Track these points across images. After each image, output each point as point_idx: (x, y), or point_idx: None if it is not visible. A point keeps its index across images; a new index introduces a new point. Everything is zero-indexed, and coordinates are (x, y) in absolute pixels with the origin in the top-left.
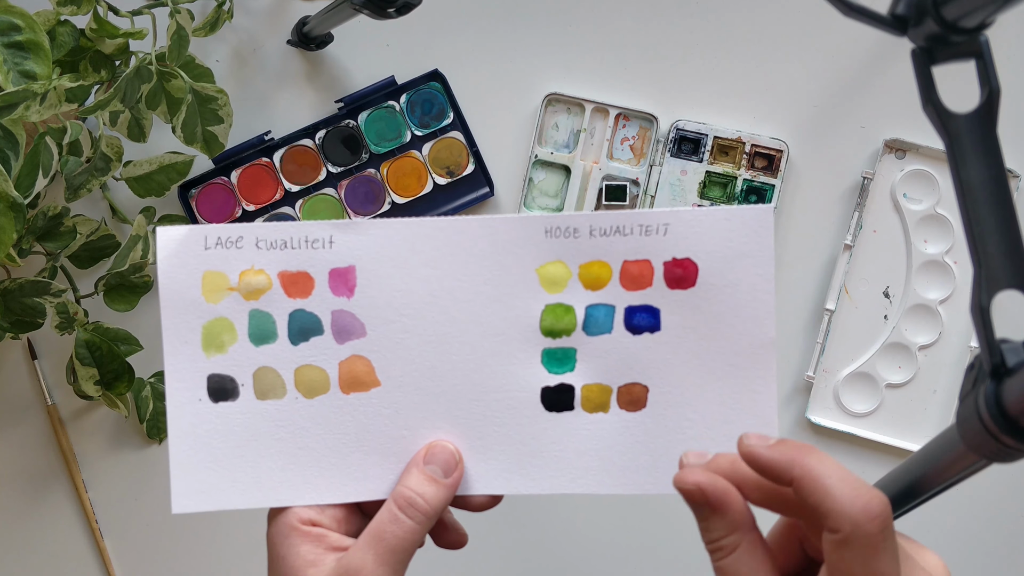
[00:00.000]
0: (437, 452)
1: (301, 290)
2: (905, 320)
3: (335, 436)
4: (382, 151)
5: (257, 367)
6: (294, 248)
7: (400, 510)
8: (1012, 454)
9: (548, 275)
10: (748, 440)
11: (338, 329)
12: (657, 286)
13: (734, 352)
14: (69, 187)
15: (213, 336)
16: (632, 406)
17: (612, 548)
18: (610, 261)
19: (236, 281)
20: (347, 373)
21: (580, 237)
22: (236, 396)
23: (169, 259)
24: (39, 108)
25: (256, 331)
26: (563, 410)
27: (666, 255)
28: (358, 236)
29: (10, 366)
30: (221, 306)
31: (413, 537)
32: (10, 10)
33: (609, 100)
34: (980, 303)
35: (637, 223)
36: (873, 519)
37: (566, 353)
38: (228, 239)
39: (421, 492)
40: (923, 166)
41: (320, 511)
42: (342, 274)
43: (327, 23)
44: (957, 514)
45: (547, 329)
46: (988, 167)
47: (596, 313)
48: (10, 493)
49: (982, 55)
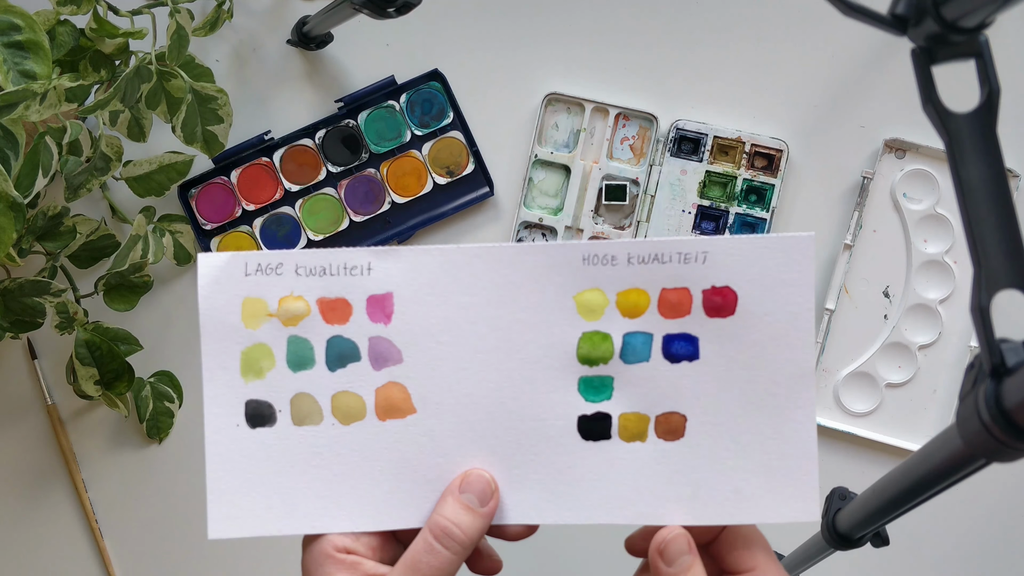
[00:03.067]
0: (473, 480)
1: (339, 316)
2: (905, 320)
3: (371, 463)
4: (382, 151)
5: (294, 393)
6: (333, 275)
7: (436, 540)
8: (1012, 454)
9: (585, 303)
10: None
11: (375, 356)
12: (696, 314)
13: (773, 381)
14: (69, 187)
15: (252, 362)
16: (670, 435)
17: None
18: (648, 289)
19: (275, 307)
20: (383, 400)
21: (618, 265)
22: (273, 422)
23: (209, 285)
24: (39, 108)
25: (294, 357)
26: (600, 439)
27: (705, 283)
28: (396, 263)
29: (10, 366)
30: (260, 332)
31: (449, 567)
32: (10, 10)
33: (609, 100)
34: (980, 303)
35: (676, 251)
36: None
37: (603, 381)
38: (268, 266)
39: (457, 521)
40: (923, 166)
41: (355, 539)
42: (379, 301)
43: (327, 23)
44: (957, 514)
45: (584, 357)
46: (988, 167)
47: (634, 341)
48: (10, 493)
49: (982, 55)
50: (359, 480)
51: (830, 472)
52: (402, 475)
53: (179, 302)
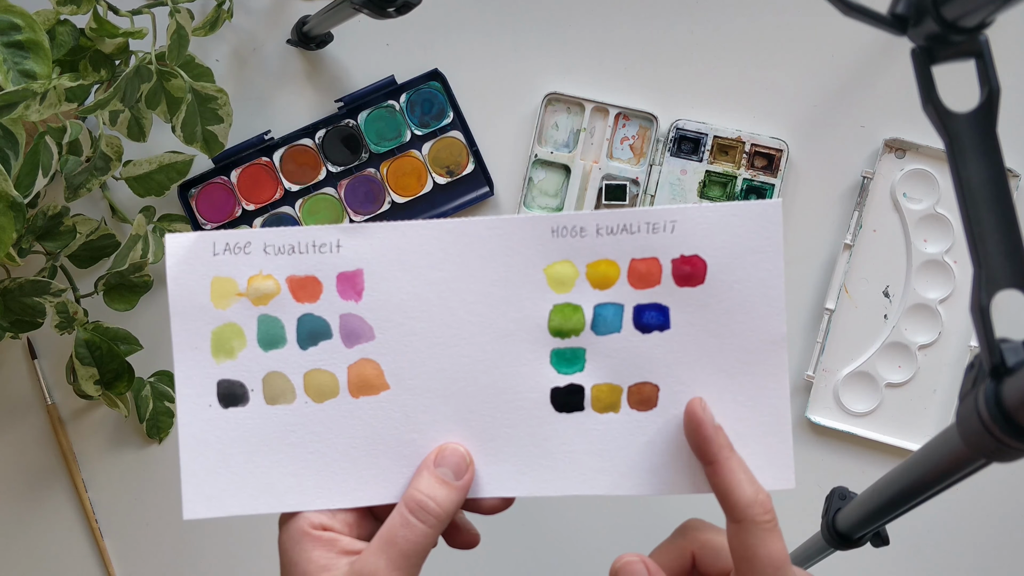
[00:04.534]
0: (448, 454)
1: (309, 294)
2: (905, 320)
3: (345, 440)
4: (382, 151)
5: (267, 372)
6: (302, 253)
7: (411, 513)
8: (1012, 454)
9: (556, 275)
10: (700, 409)
11: (347, 333)
12: (666, 284)
13: (745, 349)
14: (69, 187)
15: (223, 342)
16: (643, 405)
17: (616, 545)
18: (618, 260)
19: (245, 287)
20: (356, 377)
21: (587, 236)
22: (246, 401)
23: (178, 265)
24: (39, 107)
25: (265, 336)
26: (573, 411)
27: (674, 252)
28: (365, 240)
29: (10, 366)
30: (230, 312)
31: (425, 540)
32: (10, 10)
33: (609, 100)
34: (980, 303)
35: (644, 221)
36: (767, 511)
37: (575, 353)
38: (236, 245)
39: (432, 495)
40: (923, 166)
41: (331, 516)
42: (350, 278)
43: (327, 23)
44: (957, 514)
45: (556, 329)
46: (988, 167)
47: (604, 312)
48: (10, 493)
49: (982, 55)
50: (334, 457)
51: (830, 472)
52: (377, 451)
53: None
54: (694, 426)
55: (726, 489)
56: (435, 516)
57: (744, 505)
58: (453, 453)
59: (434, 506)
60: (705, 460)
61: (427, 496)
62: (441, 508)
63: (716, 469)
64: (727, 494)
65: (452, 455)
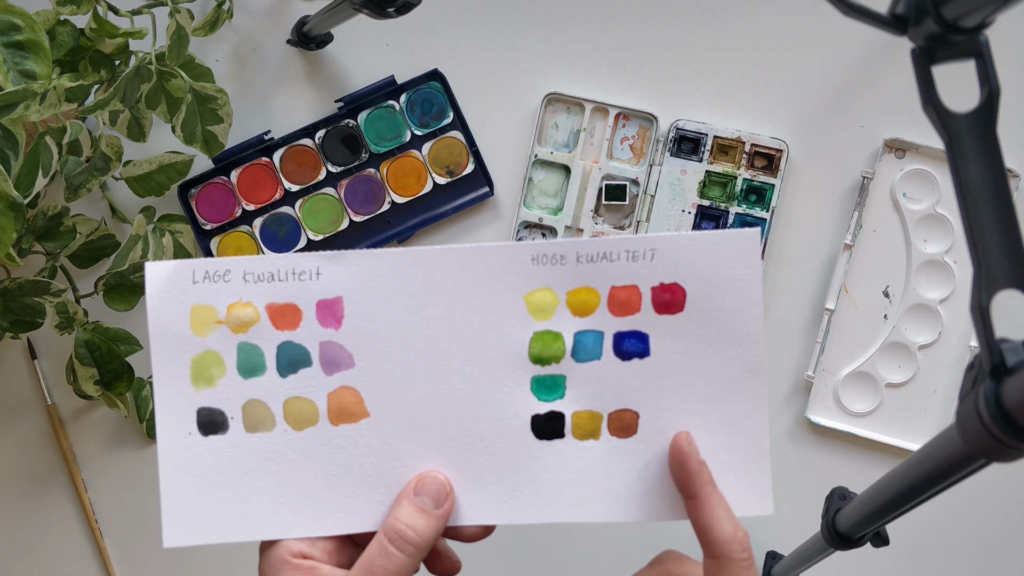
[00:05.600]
0: (428, 483)
1: (289, 322)
2: (905, 320)
3: (325, 468)
4: (382, 151)
5: (246, 400)
6: (281, 280)
7: (390, 543)
8: (1012, 454)
9: (536, 302)
10: (686, 444)
11: (326, 360)
12: (645, 311)
13: (725, 377)
14: (69, 187)
15: (202, 370)
16: (623, 432)
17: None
18: (597, 287)
19: (224, 314)
20: (336, 404)
21: (567, 264)
22: (226, 429)
23: (158, 293)
24: (39, 108)
25: (245, 364)
26: (553, 438)
27: (654, 280)
28: (345, 267)
29: (10, 366)
30: (210, 339)
31: (404, 570)
32: (10, 10)
33: (609, 100)
34: (980, 303)
35: (624, 249)
36: (744, 549)
37: (555, 380)
38: (216, 273)
39: (411, 524)
40: (923, 166)
41: (311, 543)
42: (329, 305)
43: (327, 23)
44: (957, 514)
45: (536, 356)
46: (988, 167)
47: (584, 339)
48: (10, 493)
49: (982, 55)
50: (314, 485)
51: (830, 472)
52: (356, 479)
53: None
54: (679, 460)
55: (706, 525)
56: (414, 545)
57: (723, 542)
58: (433, 481)
59: (413, 535)
60: (687, 494)
61: (406, 525)
62: (420, 537)
63: (698, 504)
64: (706, 530)
65: (432, 483)
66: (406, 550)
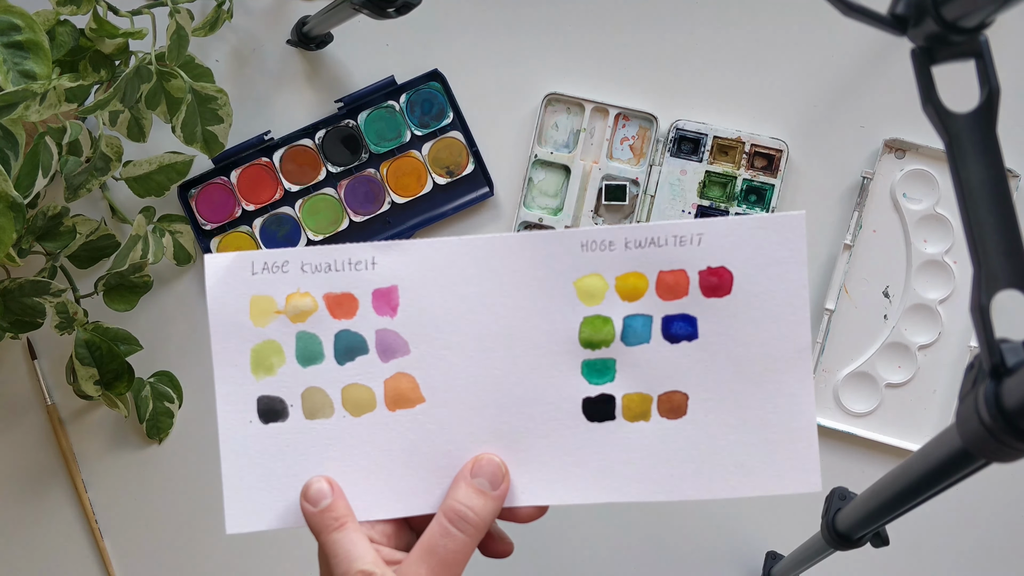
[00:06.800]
0: (484, 465)
1: (346, 311)
2: (905, 320)
3: (382, 453)
4: (382, 151)
5: (305, 387)
6: (338, 270)
7: (451, 523)
8: (1012, 454)
9: (585, 288)
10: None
11: (383, 348)
12: (693, 295)
13: (771, 357)
14: (69, 187)
15: (262, 359)
16: (673, 414)
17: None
18: (646, 272)
19: (283, 304)
20: (392, 390)
21: (616, 250)
22: (286, 417)
23: (217, 285)
24: (39, 108)
25: (303, 352)
26: (604, 420)
27: (701, 264)
28: (400, 256)
29: (10, 366)
30: (269, 329)
31: (465, 549)
32: (10, 10)
33: (609, 100)
34: (980, 303)
35: (671, 234)
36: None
37: (605, 364)
38: (274, 264)
39: (471, 505)
40: (923, 166)
41: (370, 527)
42: (385, 294)
43: (327, 23)
44: (957, 514)
45: (586, 341)
46: (988, 167)
47: (634, 323)
48: (10, 493)
49: (982, 55)
50: (372, 470)
51: (830, 472)
52: (414, 463)
53: (179, 302)
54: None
55: None
56: (474, 526)
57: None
58: (489, 463)
59: (473, 516)
60: None
61: (466, 506)
62: (479, 518)
63: None
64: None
65: (488, 465)
66: (466, 530)
